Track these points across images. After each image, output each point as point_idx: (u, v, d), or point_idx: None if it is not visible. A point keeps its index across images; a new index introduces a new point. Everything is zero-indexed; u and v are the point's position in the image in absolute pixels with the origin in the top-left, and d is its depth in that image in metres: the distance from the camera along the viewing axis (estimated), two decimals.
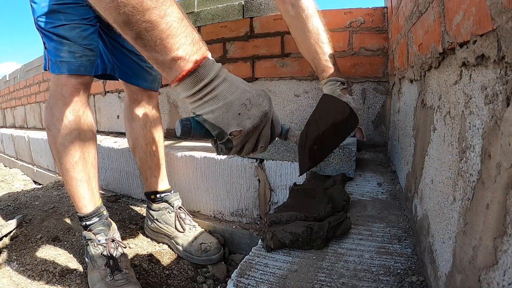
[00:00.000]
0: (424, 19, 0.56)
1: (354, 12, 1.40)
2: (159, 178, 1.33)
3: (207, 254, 1.24)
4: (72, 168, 1.04)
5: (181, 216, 1.32)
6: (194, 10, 1.78)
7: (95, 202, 1.09)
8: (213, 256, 1.24)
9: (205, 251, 1.24)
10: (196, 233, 1.31)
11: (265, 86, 1.61)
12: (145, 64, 1.25)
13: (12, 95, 4.28)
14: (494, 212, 0.26)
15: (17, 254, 1.17)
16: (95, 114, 2.57)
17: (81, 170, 1.05)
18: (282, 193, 1.24)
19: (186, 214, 1.35)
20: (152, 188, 1.32)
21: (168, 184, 1.37)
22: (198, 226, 1.36)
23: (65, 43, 0.99)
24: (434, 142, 0.49)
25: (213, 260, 1.25)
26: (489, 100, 0.28)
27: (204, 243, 1.25)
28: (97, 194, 1.11)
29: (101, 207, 1.12)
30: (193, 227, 1.33)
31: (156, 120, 1.33)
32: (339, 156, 0.99)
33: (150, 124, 1.30)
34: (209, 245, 1.25)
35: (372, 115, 1.43)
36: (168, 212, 1.31)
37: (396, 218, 0.69)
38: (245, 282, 0.49)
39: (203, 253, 1.24)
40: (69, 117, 1.02)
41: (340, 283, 0.47)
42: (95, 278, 1.01)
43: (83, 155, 1.05)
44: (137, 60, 1.25)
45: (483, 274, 0.27)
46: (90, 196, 1.08)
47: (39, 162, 2.71)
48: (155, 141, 1.32)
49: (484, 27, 0.28)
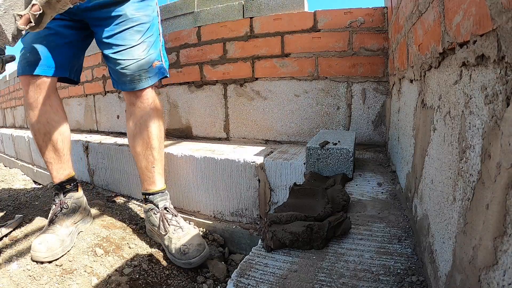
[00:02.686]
0: (424, 19, 0.56)
1: (354, 12, 1.40)
2: (151, 179, 1.30)
3: (186, 256, 1.18)
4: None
5: (166, 217, 1.26)
6: (194, 10, 1.78)
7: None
8: (192, 260, 1.18)
9: (184, 253, 1.18)
10: (181, 234, 1.23)
11: (265, 86, 1.62)
12: (119, 66, 1.21)
13: (12, 95, 4.28)
14: (494, 212, 0.26)
15: (17, 254, 1.17)
16: (95, 114, 2.58)
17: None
18: (282, 193, 1.24)
19: (174, 215, 1.29)
20: (144, 189, 1.31)
21: (161, 185, 1.32)
22: (187, 227, 1.28)
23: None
24: (434, 142, 0.48)
25: (192, 264, 1.18)
26: (489, 100, 0.28)
27: (183, 245, 1.19)
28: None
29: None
30: (178, 228, 1.25)
31: (149, 121, 1.26)
32: (336, 157, 0.99)
33: (140, 125, 1.26)
34: (188, 247, 1.18)
35: (372, 115, 1.43)
36: (154, 213, 1.28)
37: (396, 218, 0.69)
38: (245, 282, 0.49)
39: (182, 256, 1.18)
40: (30, 115, 1.23)
41: (340, 283, 0.47)
42: None
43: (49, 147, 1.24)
44: (111, 65, 1.23)
45: (483, 274, 0.27)
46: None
47: (39, 162, 2.71)
48: (146, 142, 1.27)
49: (484, 27, 0.28)
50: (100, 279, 1.09)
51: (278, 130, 1.62)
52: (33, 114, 1.21)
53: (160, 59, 1.28)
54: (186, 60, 1.83)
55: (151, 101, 1.27)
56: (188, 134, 1.92)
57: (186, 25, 1.82)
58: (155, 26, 1.27)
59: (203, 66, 1.78)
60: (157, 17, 1.29)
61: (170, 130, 1.98)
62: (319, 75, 1.49)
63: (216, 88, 1.76)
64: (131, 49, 1.20)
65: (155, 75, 1.25)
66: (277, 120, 1.61)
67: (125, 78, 1.22)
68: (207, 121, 1.83)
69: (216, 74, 1.74)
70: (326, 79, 1.48)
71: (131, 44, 1.19)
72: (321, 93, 1.50)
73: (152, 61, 1.23)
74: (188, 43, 1.81)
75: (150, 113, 1.26)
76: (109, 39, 1.19)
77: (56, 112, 1.25)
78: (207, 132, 1.84)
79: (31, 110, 1.21)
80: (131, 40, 1.19)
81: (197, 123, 1.87)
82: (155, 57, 1.25)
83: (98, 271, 1.12)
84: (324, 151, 1.01)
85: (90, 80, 2.49)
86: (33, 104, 1.20)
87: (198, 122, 1.87)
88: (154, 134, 1.27)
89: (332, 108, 1.49)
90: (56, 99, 1.26)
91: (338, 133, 1.25)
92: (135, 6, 1.20)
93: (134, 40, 1.20)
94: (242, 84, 1.67)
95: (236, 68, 1.67)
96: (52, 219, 1.23)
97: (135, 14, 1.20)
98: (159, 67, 1.27)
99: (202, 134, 1.87)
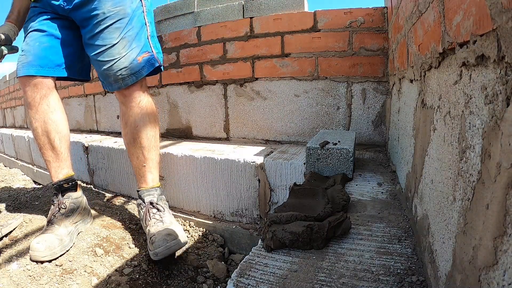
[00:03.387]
0: (424, 19, 0.56)
1: (354, 12, 1.40)
2: (142, 177, 1.30)
3: (153, 246, 1.11)
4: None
5: (151, 211, 1.23)
6: (194, 10, 1.78)
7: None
8: (157, 249, 1.09)
9: (152, 243, 1.12)
10: (160, 228, 1.16)
11: (265, 86, 1.62)
12: (102, 67, 1.21)
13: (12, 95, 4.28)
14: (494, 212, 0.26)
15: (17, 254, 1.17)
16: (95, 114, 2.58)
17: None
18: (282, 193, 1.24)
19: (158, 210, 1.24)
20: (137, 187, 1.33)
21: (152, 183, 1.31)
22: (169, 221, 1.21)
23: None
24: (434, 142, 0.48)
25: (158, 254, 1.09)
26: (489, 100, 0.28)
27: (153, 235, 1.13)
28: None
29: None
30: (159, 222, 1.19)
31: (138, 120, 1.24)
32: (336, 157, 0.99)
33: (130, 124, 1.26)
34: (155, 237, 1.12)
35: (372, 115, 1.43)
36: (141, 208, 1.28)
37: (396, 218, 0.69)
38: (245, 282, 0.49)
39: (151, 246, 1.12)
40: (29, 115, 1.24)
41: (340, 283, 0.47)
42: None
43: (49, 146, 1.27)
44: (95, 66, 1.24)
45: (483, 274, 0.27)
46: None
47: (39, 162, 2.71)
48: (136, 141, 1.26)
49: (484, 27, 0.28)
50: (100, 279, 1.09)
51: (278, 130, 1.62)
52: (32, 113, 1.23)
53: (150, 50, 1.24)
54: (186, 60, 1.83)
55: (139, 100, 1.24)
56: (188, 134, 1.92)
57: (186, 25, 1.82)
58: (137, 17, 1.23)
59: (203, 66, 1.78)
60: (141, 6, 1.25)
61: (170, 130, 1.98)
62: (319, 75, 1.49)
63: (216, 88, 1.76)
64: (111, 48, 1.18)
65: (142, 69, 1.22)
66: (277, 120, 1.61)
67: (109, 79, 1.23)
68: (207, 121, 1.83)
69: (216, 74, 1.74)
70: (326, 79, 1.48)
71: (111, 43, 1.18)
72: (321, 93, 1.50)
73: (134, 56, 1.20)
74: (188, 43, 1.81)
75: (139, 112, 1.24)
76: (90, 40, 1.21)
77: (54, 111, 1.26)
78: (207, 132, 1.84)
79: (30, 110, 1.23)
80: (110, 39, 1.18)
81: (197, 123, 1.87)
82: (139, 50, 1.21)
83: (98, 271, 1.12)
84: (324, 151, 1.01)
85: (90, 80, 2.49)
86: (31, 103, 1.22)
87: (198, 122, 1.87)
88: (143, 133, 1.26)
89: (332, 108, 1.49)
90: (54, 98, 1.26)
91: (338, 133, 1.25)
92: (111, 2, 1.17)
93: (114, 38, 1.18)
94: (242, 84, 1.67)
95: (236, 68, 1.67)
96: (50, 219, 1.23)
97: (112, 10, 1.17)
98: (148, 58, 1.23)
99: (202, 134, 1.87)
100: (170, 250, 1.11)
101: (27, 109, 1.24)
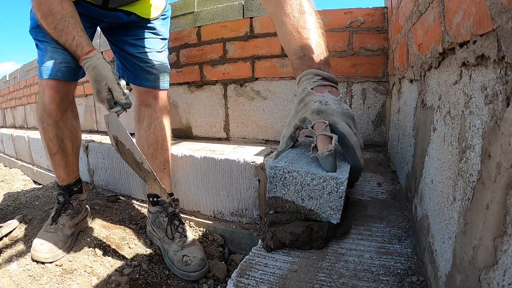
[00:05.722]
0: (424, 19, 0.56)
1: (354, 12, 1.40)
2: (162, 181, 1.30)
3: (187, 268, 1.16)
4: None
5: (174, 222, 1.26)
6: (194, 10, 1.78)
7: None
8: (192, 273, 1.15)
9: (186, 264, 1.16)
10: (185, 244, 1.22)
11: (265, 86, 1.62)
12: (145, 64, 1.27)
13: (12, 95, 4.28)
14: (494, 212, 0.26)
15: (17, 254, 1.17)
16: (95, 114, 2.58)
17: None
18: None
19: (181, 222, 1.29)
20: (152, 191, 1.31)
21: (170, 188, 1.34)
22: (191, 237, 1.27)
23: (49, 49, 1.09)
24: (434, 142, 0.49)
25: (191, 277, 1.15)
26: (489, 100, 0.28)
27: (187, 256, 1.17)
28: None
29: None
30: (183, 237, 1.24)
31: (162, 123, 1.30)
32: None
33: (154, 126, 1.29)
34: (191, 259, 1.16)
35: (372, 115, 1.43)
36: (162, 217, 1.28)
37: (396, 218, 0.69)
38: (245, 282, 0.49)
39: (183, 266, 1.16)
40: (47, 121, 1.17)
41: (340, 283, 0.47)
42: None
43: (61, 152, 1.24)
44: (137, 62, 1.27)
45: (483, 274, 0.27)
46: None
47: (39, 162, 2.71)
48: (159, 144, 1.29)
49: (484, 27, 0.28)
50: (100, 279, 1.09)
51: (278, 130, 1.62)
52: (52, 119, 1.17)
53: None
54: (186, 60, 1.83)
55: (167, 104, 1.36)
56: (188, 134, 1.92)
57: (186, 25, 1.82)
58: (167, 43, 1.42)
59: (203, 66, 1.78)
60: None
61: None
62: None
63: (216, 88, 1.76)
64: (156, 53, 1.31)
65: (170, 78, 1.38)
66: (277, 120, 1.61)
67: (149, 76, 1.28)
68: (207, 121, 1.83)
69: (216, 74, 1.74)
70: None
71: (156, 49, 1.31)
72: None
73: (170, 68, 1.38)
74: (188, 43, 1.81)
75: (166, 114, 1.33)
76: (135, 41, 1.28)
77: (75, 118, 1.27)
78: (207, 132, 1.84)
79: (50, 116, 1.17)
80: (156, 46, 1.31)
81: (197, 123, 1.87)
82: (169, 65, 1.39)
83: (98, 271, 1.12)
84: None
85: None
86: (54, 109, 1.16)
87: (198, 122, 1.87)
88: (168, 136, 1.33)
89: None
90: (75, 104, 1.28)
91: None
92: (160, 22, 1.34)
93: (159, 47, 1.33)
94: (242, 84, 1.67)
95: (236, 68, 1.67)
96: (55, 218, 1.23)
97: (160, 29, 1.34)
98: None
99: (202, 134, 1.87)
100: (203, 274, 1.18)
101: (46, 115, 1.16)
